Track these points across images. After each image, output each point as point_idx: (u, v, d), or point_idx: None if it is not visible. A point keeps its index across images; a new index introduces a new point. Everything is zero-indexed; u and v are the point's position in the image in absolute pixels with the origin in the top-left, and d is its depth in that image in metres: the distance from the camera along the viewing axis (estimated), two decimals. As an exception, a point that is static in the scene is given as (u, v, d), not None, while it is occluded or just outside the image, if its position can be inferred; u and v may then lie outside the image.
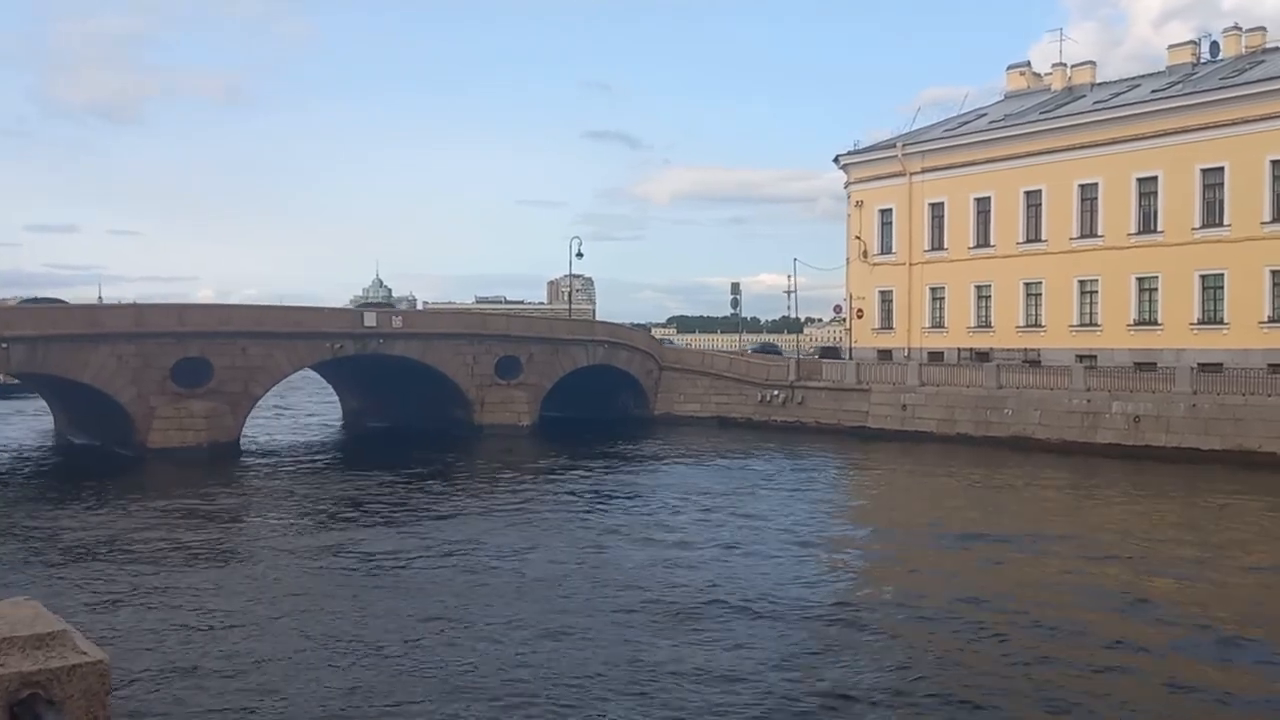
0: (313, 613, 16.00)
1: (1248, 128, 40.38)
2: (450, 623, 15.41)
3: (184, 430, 35.59)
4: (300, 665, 13.61)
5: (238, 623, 15.51)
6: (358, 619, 15.71)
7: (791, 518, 24.81)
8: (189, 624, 15.34)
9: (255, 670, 13.36)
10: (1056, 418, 37.38)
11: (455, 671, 13.32)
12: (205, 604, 16.51)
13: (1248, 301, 40.49)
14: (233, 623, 15.50)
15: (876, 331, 54.71)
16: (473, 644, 14.46)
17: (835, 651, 14.28)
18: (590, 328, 49.49)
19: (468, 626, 15.26)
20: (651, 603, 16.38)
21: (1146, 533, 23.21)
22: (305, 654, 14.03)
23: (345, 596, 17.14)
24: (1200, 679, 13.14)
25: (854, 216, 56.08)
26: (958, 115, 56.41)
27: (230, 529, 23.90)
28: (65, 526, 23.48)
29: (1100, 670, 13.34)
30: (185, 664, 13.56)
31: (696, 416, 48.59)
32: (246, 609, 16.26)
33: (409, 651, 14.15)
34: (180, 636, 14.74)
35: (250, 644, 14.45)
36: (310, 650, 14.17)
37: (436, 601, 16.66)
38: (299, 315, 41.16)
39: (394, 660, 13.79)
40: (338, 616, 15.85)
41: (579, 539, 22.00)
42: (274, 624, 15.42)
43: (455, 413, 44.74)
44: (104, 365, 34.39)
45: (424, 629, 15.14)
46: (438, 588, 17.64)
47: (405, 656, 13.97)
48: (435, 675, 13.22)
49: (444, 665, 13.59)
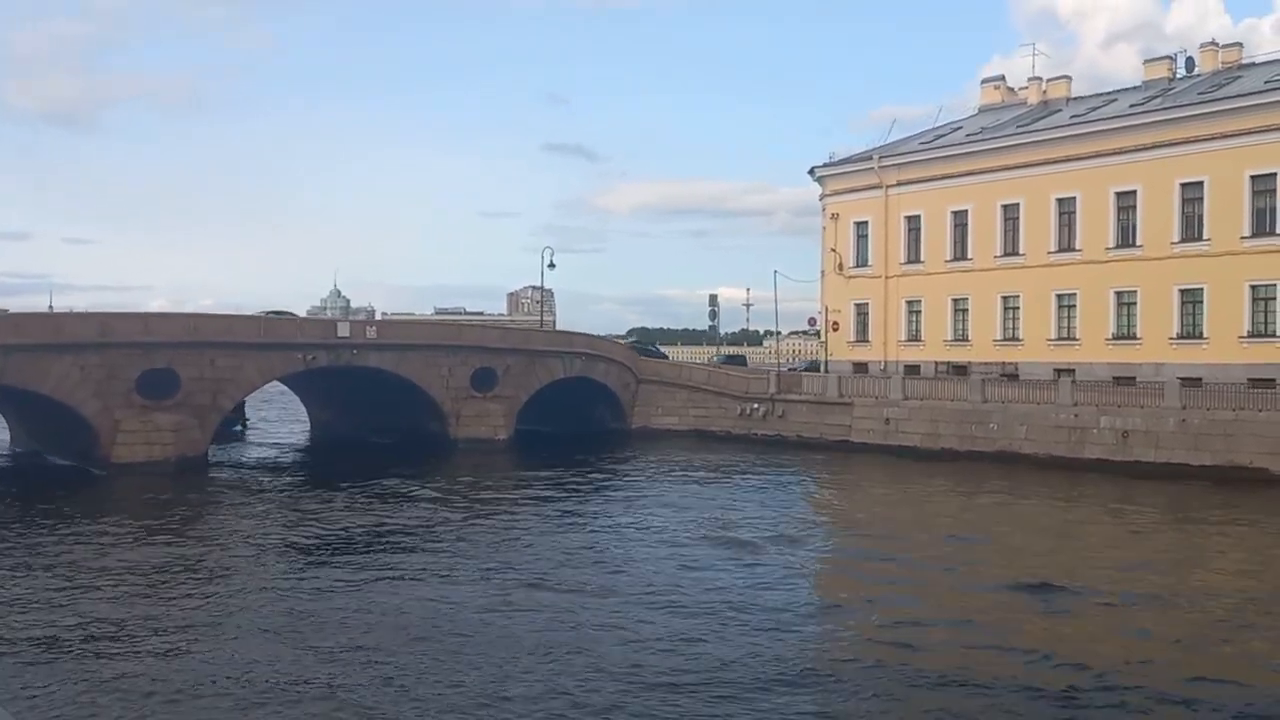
0: (283, 661, 14.77)
1: (1227, 142, 40.44)
2: (413, 672, 14.27)
3: (150, 444, 34.24)
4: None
5: (201, 663, 14.47)
6: (323, 658, 14.77)
7: (781, 546, 23.09)
8: (143, 670, 14.19)
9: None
10: (1043, 432, 37.10)
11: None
12: (163, 642, 15.45)
13: (1227, 316, 40.45)
14: (196, 664, 14.44)
15: (852, 344, 54.39)
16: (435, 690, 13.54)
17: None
18: (568, 339, 48.57)
19: (429, 676, 14.17)
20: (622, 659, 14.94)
21: (1144, 559, 22.65)
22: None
23: (314, 636, 15.93)
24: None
25: (829, 229, 55.73)
26: (933, 128, 56.34)
27: (195, 554, 22.04)
28: (16, 548, 21.96)
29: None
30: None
31: (674, 430, 47.90)
32: (212, 652, 15.04)
33: (367, 692, 13.37)
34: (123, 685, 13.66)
35: (212, 687, 13.53)
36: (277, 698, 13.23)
37: (405, 640, 15.54)
38: (270, 325, 39.97)
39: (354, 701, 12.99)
40: (304, 655, 14.94)
41: (559, 575, 20.09)
42: (239, 669, 14.35)
43: (430, 426, 43.65)
44: (66, 376, 32.96)
45: (388, 667, 14.24)
46: (412, 626, 16.32)
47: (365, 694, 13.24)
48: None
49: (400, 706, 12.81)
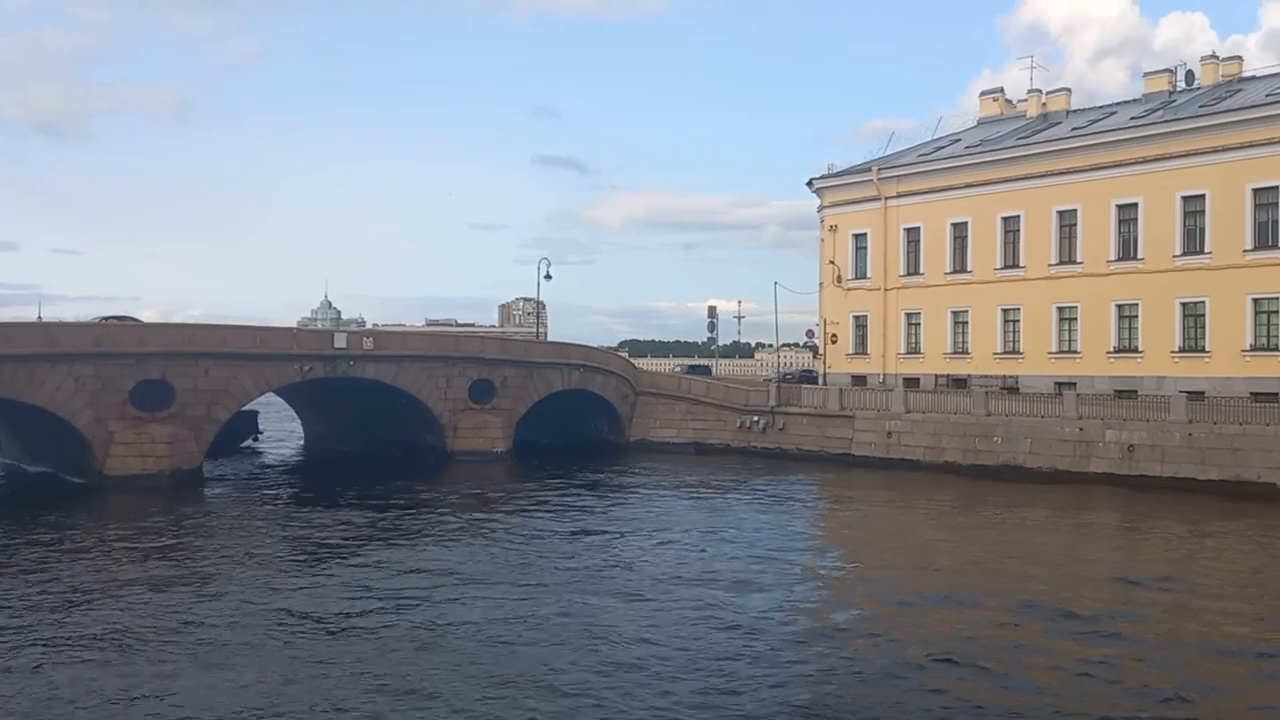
0: (272, 680, 14.32)
1: (1229, 155, 40.36)
2: (406, 694, 13.84)
3: (144, 457, 33.64)
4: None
5: (185, 685, 14.04)
6: (316, 674, 14.41)
7: (785, 571, 22.08)
8: (126, 688, 13.82)
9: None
10: (1047, 446, 36.77)
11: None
12: (149, 659, 15.05)
13: (1230, 329, 40.30)
14: (182, 686, 14.01)
15: (850, 357, 54.18)
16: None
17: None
18: (566, 350, 48.13)
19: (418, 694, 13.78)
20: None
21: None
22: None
23: (306, 654, 15.50)
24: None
25: (828, 241, 55.57)
26: (931, 140, 56.25)
27: (186, 572, 21.30)
28: (5, 567, 21.36)
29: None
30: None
31: (673, 442, 47.45)
32: (199, 672, 14.63)
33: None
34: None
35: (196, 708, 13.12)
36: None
37: (403, 667, 15.01)
38: (266, 335, 39.40)
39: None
40: (295, 673, 14.54)
41: (560, 601, 19.18)
42: (227, 689, 13.91)
43: (427, 438, 43.15)
44: (61, 387, 32.36)
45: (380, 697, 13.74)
46: (415, 655, 15.67)
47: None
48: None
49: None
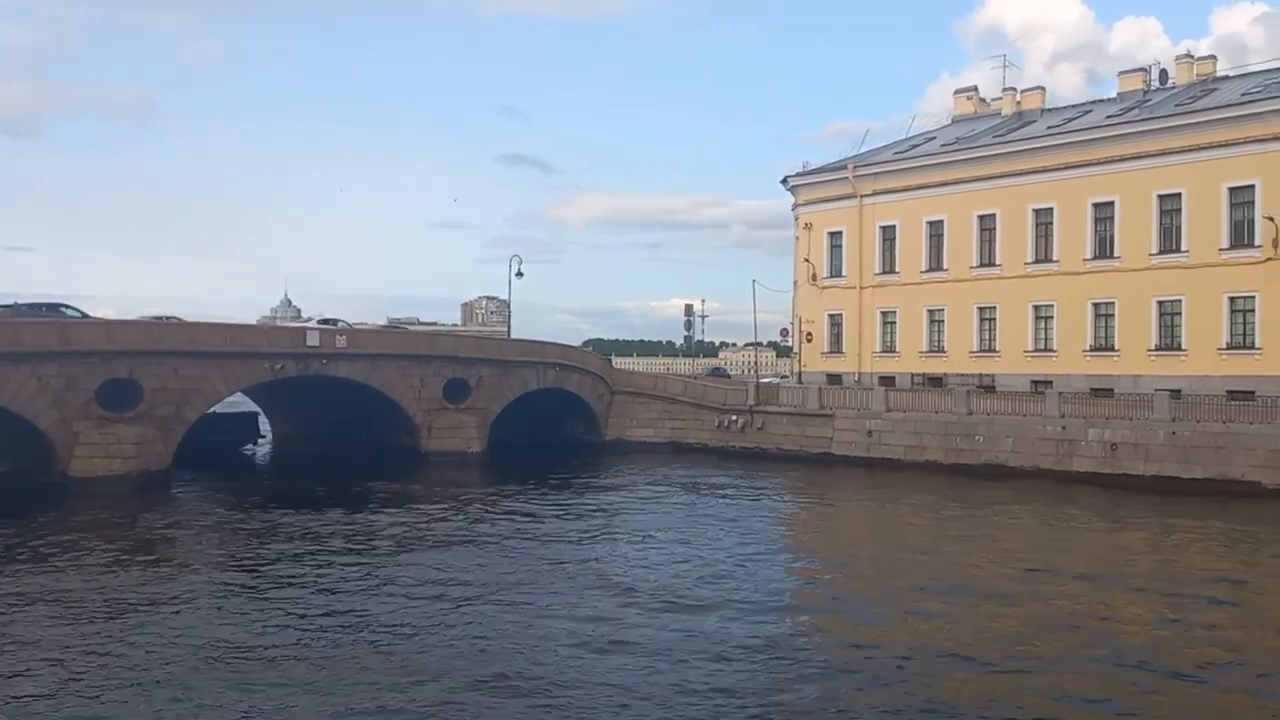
0: (232, 689, 13.70)
1: (1205, 154, 40.52)
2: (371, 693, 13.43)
3: (110, 458, 32.51)
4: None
5: (143, 694, 13.45)
6: (276, 682, 13.88)
7: (764, 573, 21.50)
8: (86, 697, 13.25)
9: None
10: (1030, 445, 36.68)
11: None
12: (118, 673, 14.34)
13: (1206, 328, 40.45)
14: (143, 694, 13.45)
15: (826, 355, 53.93)
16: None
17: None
18: (542, 349, 47.43)
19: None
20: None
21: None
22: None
23: (266, 661, 14.90)
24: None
25: (802, 239, 55.29)
26: (906, 138, 56.16)
27: (155, 576, 20.61)
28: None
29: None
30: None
31: (650, 442, 46.97)
32: (157, 681, 13.98)
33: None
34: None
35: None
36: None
37: (360, 669, 14.54)
38: (236, 333, 38.39)
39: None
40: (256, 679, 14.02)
41: (537, 604, 18.51)
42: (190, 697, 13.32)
43: (401, 438, 42.30)
44: (23, 386, 31.19)
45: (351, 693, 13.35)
46: (368, 653, 15.26)
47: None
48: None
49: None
